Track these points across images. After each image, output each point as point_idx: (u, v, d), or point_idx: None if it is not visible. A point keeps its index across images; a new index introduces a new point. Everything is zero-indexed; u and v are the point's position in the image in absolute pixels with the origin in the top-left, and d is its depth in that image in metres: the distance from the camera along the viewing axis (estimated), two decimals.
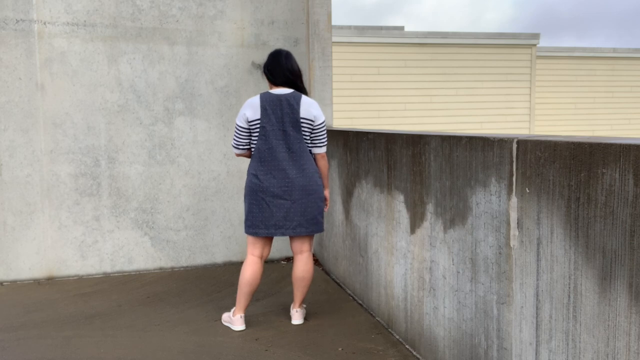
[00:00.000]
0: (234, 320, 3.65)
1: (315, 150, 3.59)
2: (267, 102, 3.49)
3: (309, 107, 3.52)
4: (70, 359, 3.24)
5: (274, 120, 3.48)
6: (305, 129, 3.52)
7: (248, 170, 3.59)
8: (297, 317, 3.73)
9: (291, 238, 3.67)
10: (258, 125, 3.50)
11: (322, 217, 3.63)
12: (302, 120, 3.49)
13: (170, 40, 4.96)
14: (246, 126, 3.53)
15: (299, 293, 3.70)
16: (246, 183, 3.58)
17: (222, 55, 5.09)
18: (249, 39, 5.15)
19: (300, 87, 3.60)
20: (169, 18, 4.95)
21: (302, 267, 3.65)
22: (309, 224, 3.56)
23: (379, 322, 3.75)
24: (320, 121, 3.56)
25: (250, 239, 3.63)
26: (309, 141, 3.56)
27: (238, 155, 3.68)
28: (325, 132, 3.60)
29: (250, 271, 3.61)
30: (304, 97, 3.54)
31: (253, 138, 3.55)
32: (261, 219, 3.53)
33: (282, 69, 3.55)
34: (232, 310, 3.72)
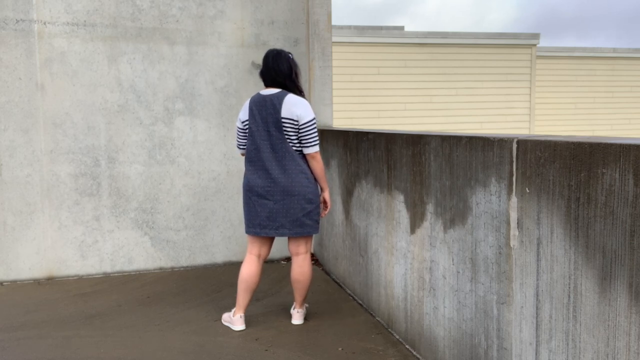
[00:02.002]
0: (234, 320, 3.65)
1: (305, 151, 3.52)
2: (254, 103, 3.53)
3: (291, 107, 3.45)
4: (70, 359, 3.23)
5: (259, 121, 3.50)
6: (289, 129, 3.46)
7: None
8: (297, 317, 3.73)
9: (288, 239, 3.69)
10: (247, 126, 3.55)
11: (311, 219, 3.55)
12: (283, 120, 3.45)
13: (170, 40, 4.96)
14: (242, 127, 3.61)
15: (297, 294, 3.70)
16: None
17: (222, 55, 5.09)
18: (249, 39, 5.15)
19: (289, 87, 3.56)
20: (169, 18, 4.95)
21: (298, 269, 3.66)
22: (292, 225, 3.52)
23: (379, 322, 3.75)
24: (306, 120, 3.46)
25: (248, 237, 3.68)
26: (296, 141, 3.50)
27: (243, 155, 3.72)
28: (313, 131, 3.49)
29: (246, 269, 3.62)
30: (289, 96, 3.48)
31: None
32: (249, 217, 3.58)
33: (268, 69, 3.55)
34: (233, 310, 3.72)
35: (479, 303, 2.55)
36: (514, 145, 2.24)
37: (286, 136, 3.46)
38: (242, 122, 3.59)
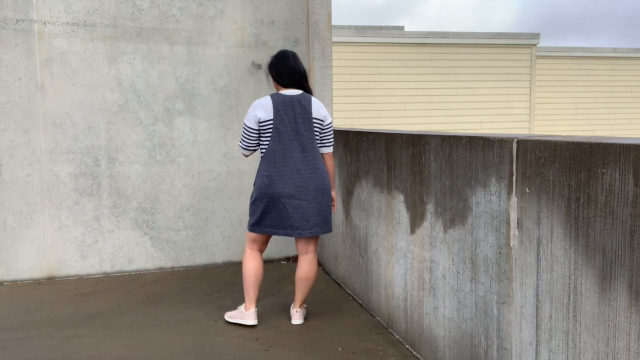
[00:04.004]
0: (247, 315, 3.63)
1: (324, 150, 3.65)
2: (279, 103, 3.50)
3: (318, 108, 3.59)
4: (70, 359, 3.24)
5: (287, 121, 3.49)
6: (317, 130, 3.59)
7: (259, 171, 3.55)
8: (297, 317, 3.73)
9: (297, 238, 3.66)
10: (270, 126, 3.50)
11: (331, 216, 3.68)
12: (314, 120, 3.56)
13: (170, 40, 4.96)
14: (256, 127, 3.52)
15: (300, 293, 3.70)
16: (257, 184, 3.54)
17: (222, 55, 5.09)
18: (249, 39, 5.15)
19: (306, 88, 3.64)
20: (169, 18, 4.95)
21: (306, 267, 3.66)
22: (324, 223, 3.60)
23: (379, 322, 3.75)
24: (329, 121, 3.64)
25: (251, 236, 3.63)
26: (318, 141, 3.61)
27: (247, 156, 3.69)
28: (332, 132, 3.67)
29: (252, 264, 3.63)
30: (313, 97, 3.61)
31: (262, 139, 3.54)
32: (278, 219, 3.51)
33: (289, 70, 3.57)
34: (242, 305, 3.71)
35: (479, 303, 2.55)
36: (514, 145, 2.24)
37: (315, 136, 3.57)
38: (262, 122, 3.50)
